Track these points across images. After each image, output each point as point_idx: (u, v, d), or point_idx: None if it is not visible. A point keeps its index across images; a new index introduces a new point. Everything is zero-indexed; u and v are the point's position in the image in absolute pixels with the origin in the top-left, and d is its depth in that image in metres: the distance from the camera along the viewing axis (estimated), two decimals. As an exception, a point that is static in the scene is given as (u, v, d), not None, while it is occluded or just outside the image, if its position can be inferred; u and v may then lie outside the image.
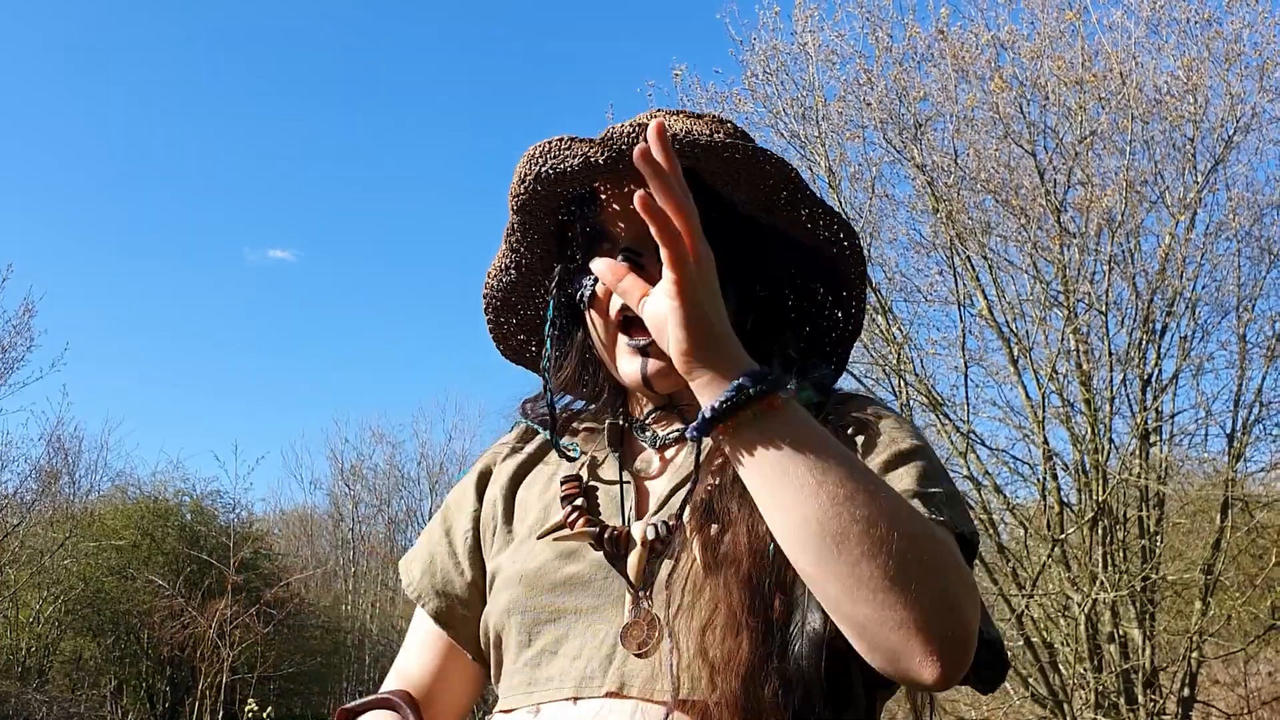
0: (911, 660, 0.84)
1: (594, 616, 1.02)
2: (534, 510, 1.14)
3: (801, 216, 1.07)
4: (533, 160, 1.07)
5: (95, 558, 15.69)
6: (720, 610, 0.94)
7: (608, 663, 0.99)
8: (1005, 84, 8.35)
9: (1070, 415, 8.33)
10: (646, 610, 1.00)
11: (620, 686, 0.97)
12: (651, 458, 1.14)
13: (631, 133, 1.00)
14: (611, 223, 1.08)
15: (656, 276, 0.91)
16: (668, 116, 1.12)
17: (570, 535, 1.06)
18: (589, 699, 0.99)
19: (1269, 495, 9.10)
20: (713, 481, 1.02)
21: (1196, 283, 8.64)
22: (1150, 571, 8.11)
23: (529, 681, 1.04)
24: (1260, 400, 8.72)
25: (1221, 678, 10.20)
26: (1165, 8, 8.51)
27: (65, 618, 15.37)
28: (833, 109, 9.03)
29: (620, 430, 1.17)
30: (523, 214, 1.12)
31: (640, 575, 1.02)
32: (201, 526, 17.20)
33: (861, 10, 9.05)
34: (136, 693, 16.52)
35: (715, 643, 0.93)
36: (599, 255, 1.04)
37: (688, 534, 1.00)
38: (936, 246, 8.83)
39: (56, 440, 17.65)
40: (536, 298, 1.21)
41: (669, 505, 1.07)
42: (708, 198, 1.02)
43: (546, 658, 1.03)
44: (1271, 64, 8.32)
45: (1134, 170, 8.25)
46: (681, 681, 0.94)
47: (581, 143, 1.03)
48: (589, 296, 1.10)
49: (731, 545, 0.96)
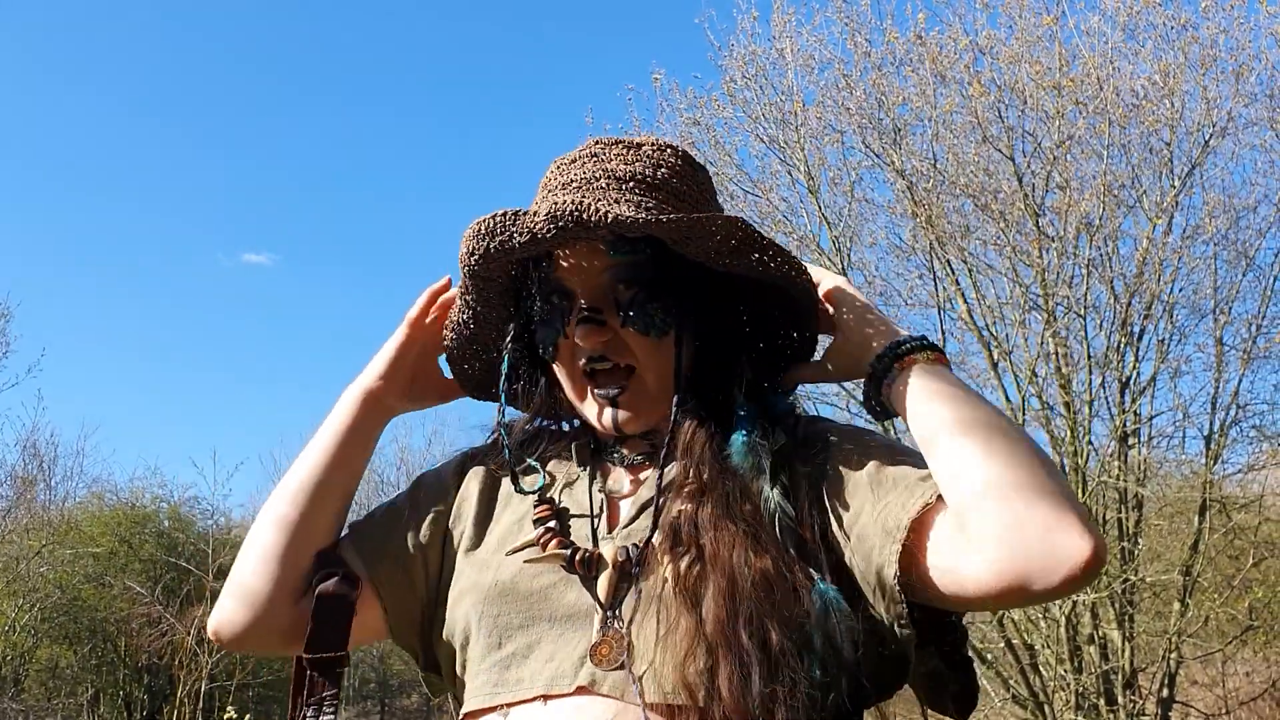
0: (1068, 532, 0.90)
1: (567, 626, 1.04)
2: (505, 521, 1.16)
3: (752, 260, 1.09)
4: (479, 237, 1.09)
5: (72, 565, 15.54)
6: (699, 641, 0.95)
7: (579, 666, 1.01)
8: (983, 89, 8.39)
9: (1050, 418, 8.37)
10: (616, 630, 1.01)
11: (591, 683, 0.99)
12: (623, 477, 1.16)
13: (573, 209, 1.02)
14: (567, 279, 1.12)
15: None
16: (606, 147, 1.14)
17: (541, 557, 1.08)
18: (559, 697, 1.00)
19: (1246, 497, 9.17)
20: (684, 507, 1.05)
21: (1174, 286, 8.71)
22: (1129, 573, 8.15)
23: (495, 683, 1.05)
24: (1237, 402, 8.80)
25: (1200, 678, 10.27)
26: (1142, 13, 8.57)
27: (41, 625, 15.22)
28: (811, 114, 9.05)
29: (589, 450, 1.19)
30: (475, 279, 1.15)
31: (610, 596, 1.03)
32: (179, 533, 17.05)
33: (840, 15, 9.08)
34: (114, 701, 16.37)
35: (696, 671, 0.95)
36: (556, 310, 1.12)
37: (660, 557, 1.02)
38: (916, 250, 8.86)
39: (32, 446, 17.51)
40: (493, 345, 1.24)
41: (637, 524, 1.09)
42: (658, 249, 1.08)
43: (517, 660, 1.04)
44: (1247, 69, 8.39)
45: (1111, 174, 8.29)
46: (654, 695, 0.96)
47: (526, 216, 1.05)
48: (552, 351, 1.15)
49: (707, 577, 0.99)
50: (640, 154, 1.13)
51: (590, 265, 1.10)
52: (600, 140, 1.16)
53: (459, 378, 1.27)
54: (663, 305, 1.10)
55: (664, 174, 1.12)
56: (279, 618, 1.14)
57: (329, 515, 1.18)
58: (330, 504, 1.19)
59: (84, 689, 16.08)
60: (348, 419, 1.20)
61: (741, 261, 1.09)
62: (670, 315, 1.10)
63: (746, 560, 0.98)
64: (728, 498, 1.04)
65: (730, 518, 1.02)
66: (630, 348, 1.11)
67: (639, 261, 1.09)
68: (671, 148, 1.16)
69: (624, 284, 1.10)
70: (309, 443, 1.21)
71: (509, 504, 1.18)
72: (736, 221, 1.05)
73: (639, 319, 1.09)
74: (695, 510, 1.04)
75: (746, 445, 1.07)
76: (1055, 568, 0.89)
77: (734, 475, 1.06)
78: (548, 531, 1.09)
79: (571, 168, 1.14)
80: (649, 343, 1.10)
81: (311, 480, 1.18)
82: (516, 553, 1.10)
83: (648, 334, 1.10)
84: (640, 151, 1.14)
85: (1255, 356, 8.73)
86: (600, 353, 1.11)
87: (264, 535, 1.16)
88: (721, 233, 1.06)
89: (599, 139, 1.17)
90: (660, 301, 1.09)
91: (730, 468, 1.06)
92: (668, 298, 1.10)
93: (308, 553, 1.16)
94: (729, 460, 1.07)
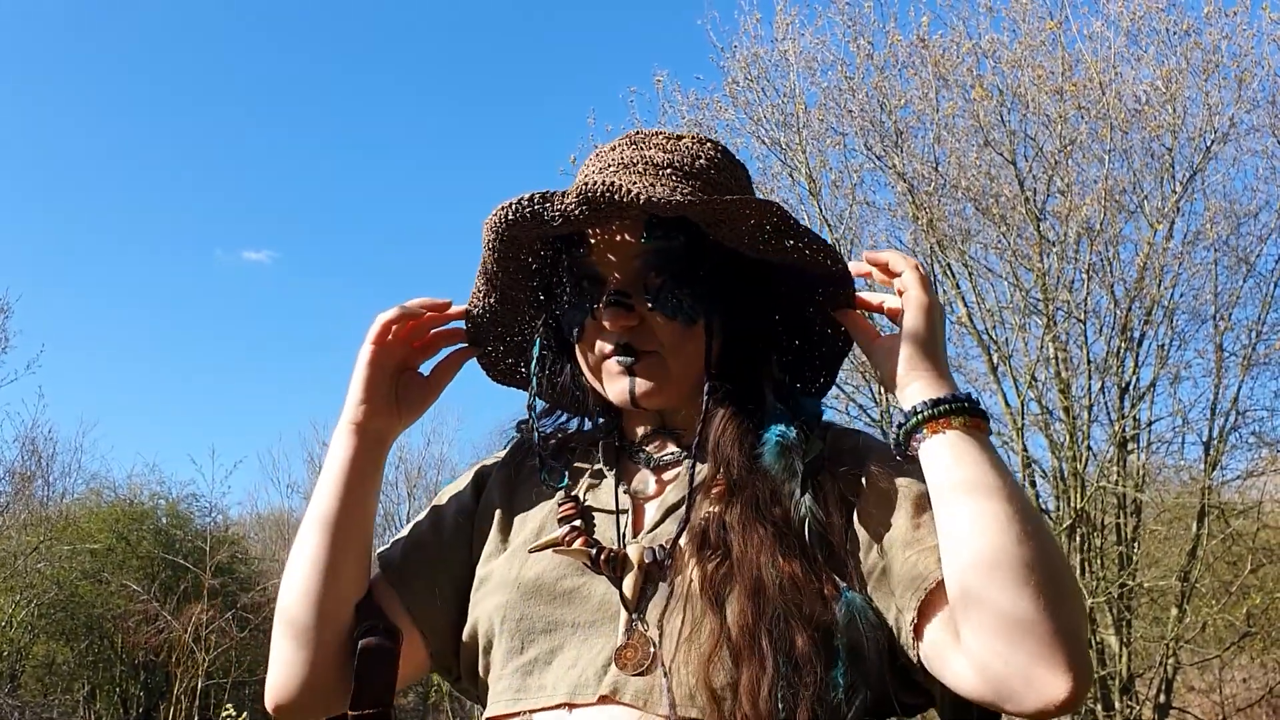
0: (1051, 671, 0.88)
1: (590, 631, 1.02)
2: (530, 524, 1.14)
3: (787, 246, 1.06)
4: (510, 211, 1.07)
5: (69, 561, 15.51)
6: (724, 643, 0.94)
7: (603, 673, 0.99)
8: (986, 92, 8.40)
9: (1049, 422, 8.38)
10: (640, 633, 1.00)
11: (614, 692, 0.97)
12: (648, 479, 1.14)
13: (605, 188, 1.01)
14: (599, 263, 1.10)
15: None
16: (647, 136, 1.14)
17: (566, 551, 1.06)
18: (583, 706, 0.98)
19: (1244, 503, 9.17)
20: (712, 509, 1.03)
21: (1174, 291, 8.73)
22: (1127, 578, 8.15)
23: (519, 689, 1.03)
24: (1236, 409, 8.81)
25: (1197, 684, 10.28)
26: (1145, 18, 8.58)
27: (38, 622, 15.19)
28: (814, 116, 9.07)
29: (616, 451, 1.17)
30: (502, 260, 1.13)
31: (635, 597, 1.02)
32: (177, 530, 17.04)
33: (843, 18, 9.10)
34: (110, 698, 16.35)
35: (720, 674, 0.94)
36: (587, 295, 1.11)
37: (686, 559, 1.01)
38: (917, 253, 8.85)
39: (30, 442, 17.49)
40: (518, 326, 1.22)
41: (663, 527, 1.07)
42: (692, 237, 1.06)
43: (539, 666, 1.03)
44: (1249, 75, 8.41)
45: (1113, 179, 8.30)
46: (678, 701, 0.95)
47: (558, 196, 1.04)
48: (578, 332, 1.12)
49: (733, 579, 0.97)
50: (679, 145, 1.12)
51: (623, 250, 1.08)
52: (641, 131, 1.15)
53: (482, 360, 1.24)
54: (693, 292, 1.07)
55: (702, 164, 1.10)
56: (330, 679, 1.09)
57: (352, 563, 1.13)
58: (351, 550, 1.13)
59: (80, 685, 16.07)
60: (342, 455, 1.15)
61: (776, 248, 1.06)
62: (700, 302, 1.08)
63: (774, 564, 0.97)
64: (757, 499, 1.02)
65: (760, 520, 1.00)
66: (656, 334, 1.09)
67: (672, 248, 1.07)
68: (712, 142, 1.15)
69: (655, 270, 1.08)
70: (313, 495, 1.16)
71: (532, 506, 1.16)
72: (772, 205, 1.03)
73: (667, 304, 1.07)
74: (724, 511, 1.02)
75: (780, 446, 1.04)
76: (1030, 699, 0.89)
77: (765, 476, 1.03)
78: (572, 530, 1.07)
79: (610, 154, 1.13)
80: (676, 328, 1.08)
81: (326, 534, 1.12)
82: (540, 549, 1.08)
83: (675, 319, 1.08)
84: (679, 143, 1.13)
85: (1255, 363, 8.75)
86: (626, 340, 1.09)
87: (294, 608, 1.11)
88: (756, 216, 1.03)
89: (640, 130, 1.16)
90: (691, 288, 1.07)
91: (761, 468, 1.04)
92: (699, 285, 1.08)
93: (344, 609, 1.11)
94: (760, 460, 1.04)
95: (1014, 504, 0.94)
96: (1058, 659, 0.88)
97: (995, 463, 0.97)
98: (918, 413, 1.00)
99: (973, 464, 0.96)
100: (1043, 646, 0.88)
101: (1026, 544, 0.91)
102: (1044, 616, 0.89)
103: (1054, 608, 0.89)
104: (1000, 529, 0.92)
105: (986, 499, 0.94)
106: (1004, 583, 0.90)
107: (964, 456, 0.97)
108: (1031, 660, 0.88)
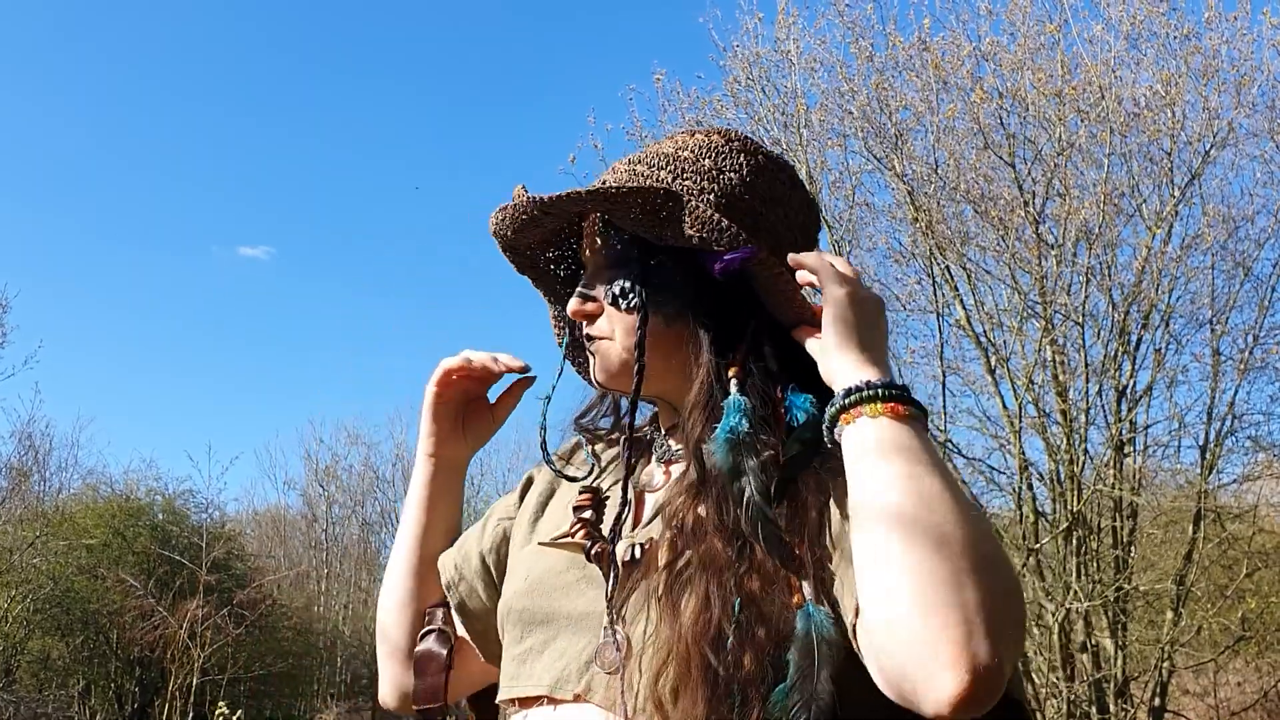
0: (939, 668, 0.80)
1: (581, 624, 1.03)
2: (555, 516, 1.17)
3: (688, 234, 1.03)
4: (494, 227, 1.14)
5: (65, 556, 15.50)
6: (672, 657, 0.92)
7: (585, 669, 1.00)
8: (985, 95, 8.40)
9: (1046, 425, 8.38)
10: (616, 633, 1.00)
11: (587, 690, 0.99)
12: (656, 471, 1.14)
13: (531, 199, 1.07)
14: (585, 256, 1.16)
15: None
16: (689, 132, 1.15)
17: (567, 544, 1.09)
18: (562, 702, 1.01)
19: (1240, 507, 9.19)
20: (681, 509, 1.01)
21: (1171, 295, 8.73)
22: (1123, 582, 8.16)
23: (514, 675, 1.07)
24: (1233, 413, 8.82)
25: (1192, 687, 10.30)
26: (1145, 22, 8.58)
27: (34, 617, 15.17)
28: (814, 117, 9.07)
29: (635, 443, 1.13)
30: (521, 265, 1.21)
31: (617, 595, 1.01)
32: (174, 526, 17.03)
33: (843, 19, 9.10)
34: (105, 693, 16.34)
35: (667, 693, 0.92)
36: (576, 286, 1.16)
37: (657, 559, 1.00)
38: (915, 255, 8.87)
39: (27, 438, 17.48)
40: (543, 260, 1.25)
41: (654, 523, 1.06)
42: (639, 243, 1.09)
43: (533, 655, 1.05)
44: (1248, 80, 8.42)
45: (1112, 183, 8.31)
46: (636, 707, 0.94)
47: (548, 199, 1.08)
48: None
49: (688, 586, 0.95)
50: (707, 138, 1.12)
51: (594, 244, 1.14)
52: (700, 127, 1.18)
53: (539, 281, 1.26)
54: (636, 283, 1.08)
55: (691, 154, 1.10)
56: None
57: (433, 581, 1.26)
58: (432, 568, 1.26)
59: (75, 681, 16.06)
60: (417, 481, 1.29)
61: (675, 234, 1.04)
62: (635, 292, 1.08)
63: (730, 570, 0.94)
64: (719, 501, 0.98)
65: (721, 523, 0.97)
66: (610, 323, 1.11)
67: (623, 240, 1.10)
68: (742, 140, 1.12)
69: (606, 262, 1.12)
70: (401, 519, 1.30)
71: (560, 499, 1.19)
72: (658, 192, 1.02)
73: (608, 294, 1.11)
74: (687, 513, 1.00)
75: (729, 443, 0.98)
76: (929, 699, 0.81)
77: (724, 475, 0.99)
78: (581, 523, 1.10)
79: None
80: (625, 318, 1.09)
81: (409, 555, 1.27)
82: (550, 543, 1.11)
83: (616, 307, 1.10)
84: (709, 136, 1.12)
85: (1252, 367, 8.76)
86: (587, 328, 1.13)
87: (385, 623, 1.27)
88: (646, 203, 1.03)
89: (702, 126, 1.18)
90: (630, 278, 1.09)
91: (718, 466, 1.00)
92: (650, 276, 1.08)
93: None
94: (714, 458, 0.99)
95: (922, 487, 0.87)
96: (945, 653, 0.80)
97: (907, 447, 0.90)
98: (833, 405, 0.95)
99: (879, 454, 0.90)
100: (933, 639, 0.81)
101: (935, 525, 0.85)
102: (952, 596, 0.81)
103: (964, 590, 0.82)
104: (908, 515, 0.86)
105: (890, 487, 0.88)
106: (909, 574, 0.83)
107: (869, 447, 0.91)
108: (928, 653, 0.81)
